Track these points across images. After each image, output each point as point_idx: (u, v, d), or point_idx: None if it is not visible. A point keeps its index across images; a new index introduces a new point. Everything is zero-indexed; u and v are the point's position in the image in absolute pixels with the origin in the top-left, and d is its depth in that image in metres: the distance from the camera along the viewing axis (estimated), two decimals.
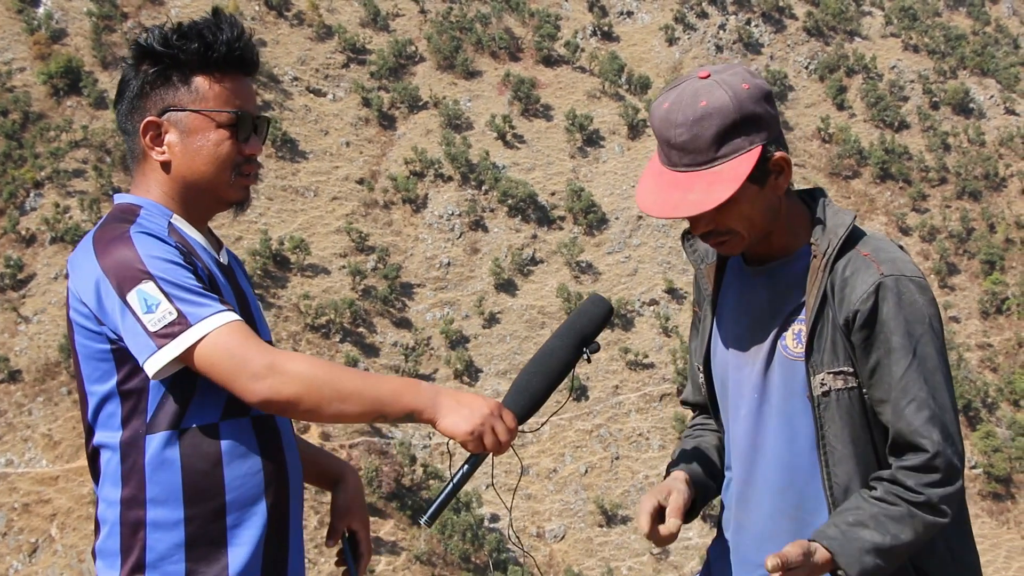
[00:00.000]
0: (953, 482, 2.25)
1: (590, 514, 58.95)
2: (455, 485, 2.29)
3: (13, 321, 57.23)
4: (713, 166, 2.27)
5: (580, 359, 2.38)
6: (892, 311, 2.26)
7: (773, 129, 2.33)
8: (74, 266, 2.22)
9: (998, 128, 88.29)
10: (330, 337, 61.92)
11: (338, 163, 71.38)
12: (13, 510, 50.04)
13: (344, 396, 2.14)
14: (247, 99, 2.37)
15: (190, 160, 2.33)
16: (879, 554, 2.24)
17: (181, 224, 2.34)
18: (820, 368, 2.33)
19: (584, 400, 63.72)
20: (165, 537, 2.21)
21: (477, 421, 2.20)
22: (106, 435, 2.24)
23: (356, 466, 54.17)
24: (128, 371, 2.20)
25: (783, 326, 2.40)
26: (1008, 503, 65.23)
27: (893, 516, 2.25)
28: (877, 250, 2.34)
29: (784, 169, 2.35)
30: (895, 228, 78.02)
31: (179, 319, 2.11)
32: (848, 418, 2.33)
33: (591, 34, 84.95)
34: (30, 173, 62.49)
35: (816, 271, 2.34)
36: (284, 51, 75.18)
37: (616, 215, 73.52)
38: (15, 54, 68.04)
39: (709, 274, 2.58)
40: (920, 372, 2.25)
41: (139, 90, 2.33)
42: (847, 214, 2.40)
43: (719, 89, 2.28)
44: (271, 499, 2.29)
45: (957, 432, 2.26)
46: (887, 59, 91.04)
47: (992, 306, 76.49)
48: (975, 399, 68.87)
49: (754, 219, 2.35)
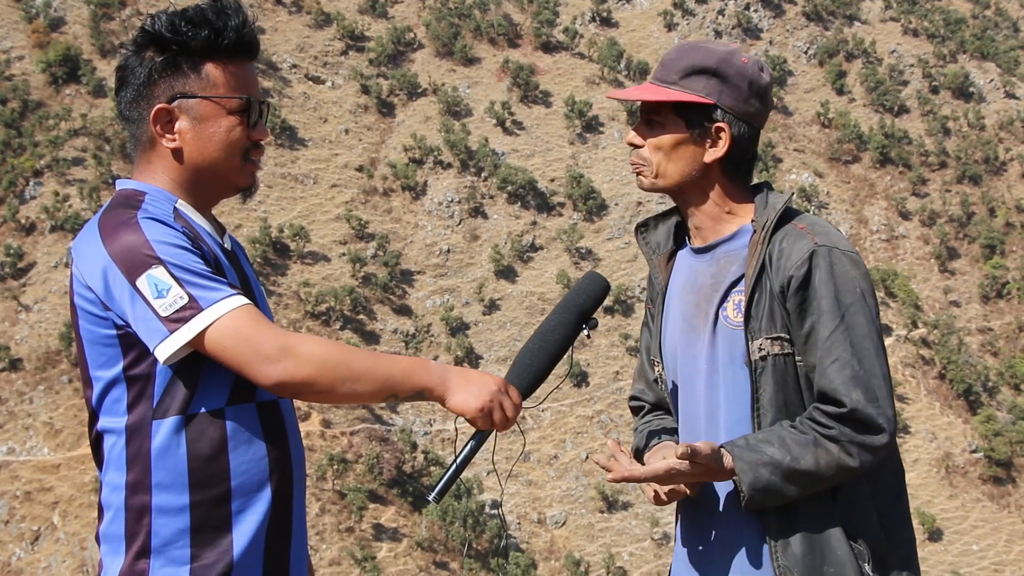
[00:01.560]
0: (872, 433, 2.31)
1: (591, 500, 59.07)
2: (462, 461, 2.32)
3: (14, 310, 57.26)
4: (670, 87, 2.49)
5: (579, 335, 2.44)
6: (824, 277, 2.36)
7: (739, 108, 2.48)
8: (79, 252, 2.22)
9: (998, 112, 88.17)
10: (330, 324, 61.97)
11: (337, 150, 71.34)
12: (15, 498, 50.15)
13: (357, 376, 2.16)
14: (253, 84, 2.38)
15: (202, 147, 2.33)
16: (775, 470, 2.32)
17: (186, 209, 2.33)
18: (758, 335, 2.42)
19: (585, 386, 63.81)
20: (170, 522, 2.21)
21: (486, 398, 2.23)
22: (111, 420, 2.24)
23: (357, 453, 54.34)
24: (135, 356, 2.19)
25: (723, 298, 2.50)
26: (1009, 487, 65.35)
27: (799, 441, 2.33)
28: (812, 224, 2.45)
29: (722, 140, 2.48)
30: (895, 212, 77.95)
31: (191, 303, 2.11)
32: (782, 382, 2.41)
33: (590, 20, 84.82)
34: (29, 162, 62.46)
35: (755, 244, 2.45)
36: (283, 38, 75.06)
37: (616, 201, 73.50)
38: (14, 43, 67.95)
39: (661, 265, 2.69)
40: (846, 336, 2.34)
41: (146, 77, 2.32)
42: (785, 194, 2.52)
43: (724, 46, 2.51)
44: (275, 485, 2.29)
45: (886, 397, 2.33)
46: (886, 43, 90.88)
47: (992, 290, 76.50)
48: (976, 383, 68.95)
49: (670, 159, 2.51)
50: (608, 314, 67.35)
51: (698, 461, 2.32)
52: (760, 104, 2.50)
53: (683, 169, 2.50)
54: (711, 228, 2.55)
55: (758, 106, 2.50)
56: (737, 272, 2.48)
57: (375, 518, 52.96)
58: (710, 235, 2.56)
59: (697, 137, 2.48)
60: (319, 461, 52.56)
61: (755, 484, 2.33)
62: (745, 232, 2.51)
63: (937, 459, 64.88)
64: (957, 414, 68.35)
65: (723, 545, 2.51)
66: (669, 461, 2.38)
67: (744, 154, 2.52)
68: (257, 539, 2.27)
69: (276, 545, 2.31)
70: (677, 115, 2.49)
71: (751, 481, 2.33)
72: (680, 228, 2.69)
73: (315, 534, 50.16)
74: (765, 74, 2.50)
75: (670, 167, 2.51)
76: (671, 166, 2.51)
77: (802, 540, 2.39)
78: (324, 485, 52.66)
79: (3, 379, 54.71)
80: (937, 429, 66.58)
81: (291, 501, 2.34)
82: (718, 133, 2.47)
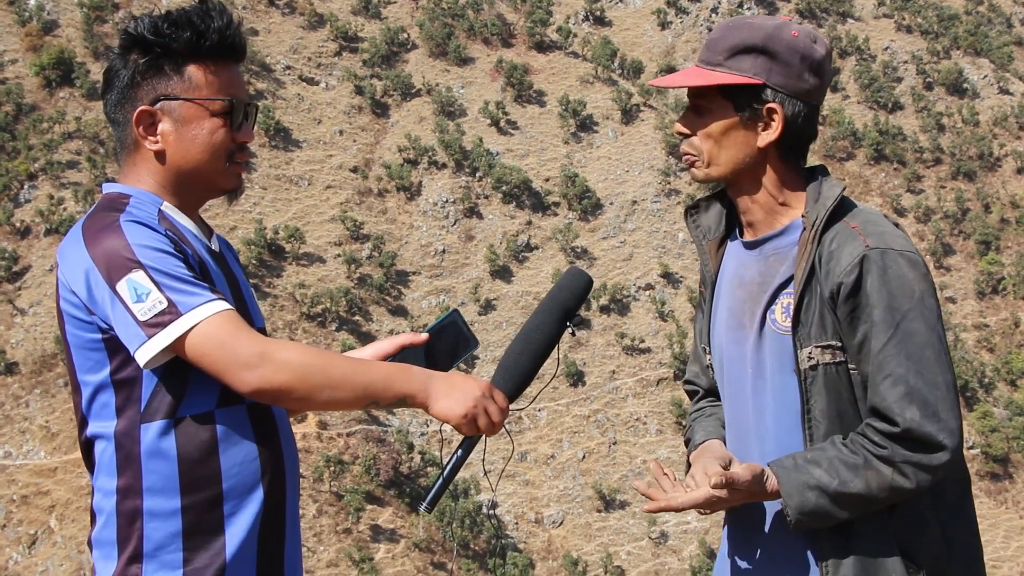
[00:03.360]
0: (930, 451, 2.19)
1: (588, 499, 59.08)
2: (452, 469, 2.30)
3: (9, 313, 57.21)
4: (716, 69, 2.35)
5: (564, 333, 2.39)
6: (875, 284, 2.23)
7: (791, 85, 2.34)
8: (63, 256, 2.22)
9: (992, 108, 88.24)
10: (326, 326, 61.95)
11: (332, 151, 71.31)
12: (12, 502, 50.10)
13: (335, 383, 2.14)
14: (238, 86, 2.37)
15: (185, 149, 2.32)
16: (822, 494, 2.22)
17: (171, 212, 2.33)
18: (807, 342, 2.30)
19: (581, 385, 63.81)
20: (162, 526, 2.21)
21: (470, 404, 2.21)
22: (100, 425, 2.24)
23: (354, 454, 54.34)
24: (121, 361, 2.19)
25: (772, 299, 2.39)
26: (1006, 483, 65.44)
27: (848, 462, 2.23)
28: (866, 223, 2.32)
29: (775, 123, 2.35)
30: (890, 209, 78.03)
31: (169, 308, 2.11)
32: (835, 393, 2.30)
33: (583, 19, 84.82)
34: (24, 165, 62.39)
35: (805, 243, 2.32)
36: (276, 40, 75.02)
37: (611, 200, 73.51)
38: (7, 46, 67.88)
39: (711, 251, 2.58)
40: (901, 348, 2.21)
41: (130, 80, 2.32)
42: (837, 186, 2.38)
43: (772, 20, 2.38)
44: (267, 487, 2.29)
45: (950, 409, 2.19)
46: (880, 40, 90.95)
47: (988, 286, 76.60)
48: (972, 379, 69.02)
49: (722, 146, 2.38)
50: (604, 313, 67.36)
51: (738, 488, 2.24)
52: (816, 79, 2.35)
53: (736, 156, 2.38)
54: (763, 221, 2.43)
55: (813, 81, 2.35)
56: (786, 272, 2.37)
57: (372, 519, 52.95)
58: (761, 228, 2.44)
59: (748, 120, 2.36)
60: (316, 463, 52.54)
61: (802, 508, 2.24)
62: (795, 228, 2.39)
63: None
64: None
65: (771, 561, 2.42)
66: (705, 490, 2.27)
67: (801, 135, 2.38)
68: (250, 541, 2.26)
69: (269, 547, 2.31)
70: (725, 98, 2.36)
71: (798, 505, 2.24)
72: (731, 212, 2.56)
73: (312, 535, 50.14)
74: (819, 46, 2.35)
75: (722, 155, 2.38)
76: (723, 153, 2.38)
77: (855, 563, 2.28)
78: (321, 487, 52.62)
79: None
80: None
81: (284, 502, 2.34)
82: (770, 115, 2.34)
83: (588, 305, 64.14)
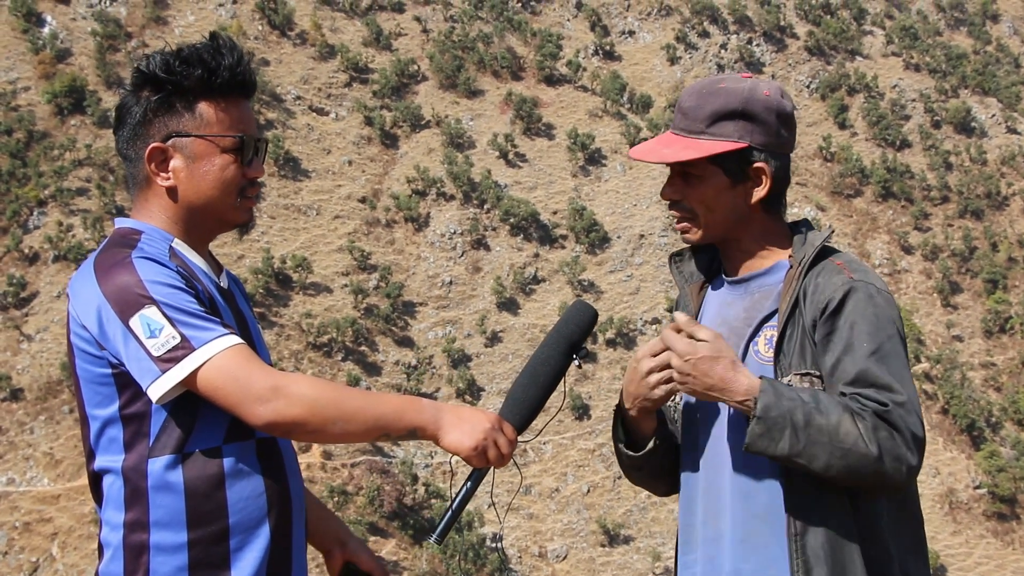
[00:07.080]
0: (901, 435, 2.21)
1: (592, 534, 58.77)
2: (461, 500, 2.31)
3: (15, 339, 57.24)
4: (699, 137, 2.42)
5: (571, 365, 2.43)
6: (860, 308, 2.29)
7: (771, 143, 2.43)
8: (75, 291, 2.23)
9: (1000, 147, 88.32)
10: (332, 356, 61.89)
11: (340, 182, 71.49)
12: (14, 529, 49.95)
13: (348, 416, 2.16)
14: (248, 122, 2.39)
15: (196, 185, 2.34)
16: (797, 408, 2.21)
17: (182, 248, 2.35)
18: (788, 370, 2.36)
19: (586, 419, 63.63)
20: (168, 560, 2.21)
21: (480, 436, 2.23)
22: (108, 459, 2.25)
23: (358, 485, 54.16)
24: (130, 396, 2.20)
25: (755, 332, 2.45)
26: (1013, 523, 65.00)
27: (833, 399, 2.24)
28: (850, 262, 2.41)
29: (762, 181, 2.43)
30: (897, 247, 77.98)
31: (183, 343, 2.12)
32: None
33: (593, 53, 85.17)
34: (33, 192, 62.61)
35: (791, 279, 2.40)
36: (287, 70, 75.39)
37: (618, 234, 73.56)
38: (20, 73, 68.27)
39: (693, 294, 2.66)
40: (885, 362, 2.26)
41: (142, 117, 2.34)
42: (824, 232, 2.47)
43: (743, 82, 2.45)
44: (274, 521, 2.29)
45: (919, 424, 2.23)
46: (888, 78, 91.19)
47: (995, 325, 76.38)
48: (979, 419, 68.71)
49: (715, 210, 2.45)
50: (610, 347, 67.27)
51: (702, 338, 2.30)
52: (788, 132, 2.47)
53: (729, 217, 2.46)
54: (748, 264, 2.52)
55: (787, 135, 2.47)
56: (771, 307, 2.44)
57: (376, 551, 52.55)
58: (747, 269, 2.52)
59: (737, 183, 2.44)
60: (320, 493, 52.37)
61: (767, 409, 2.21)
62: (781, 267, 2.47)
63: (940, 495, 64.56)
64: (960, 449, 68.06)
65: None
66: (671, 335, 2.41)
67: (782, 186, 2.48)
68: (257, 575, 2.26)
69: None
70: (714, 164, 2.43)
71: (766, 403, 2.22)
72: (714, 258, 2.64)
73: (315, 567, 49.81)
74: (787, 100, 2.46)
75: (717, 218, 2.46)
76: (717, 216, 2.46)
77: None
78: None
79: (4, 409, 54.60)
80: (940, 464, 66.27)
81: (291, 537, 2.34)
82: (758, 174, 2.43)
83: (594, 338, 64.04)
